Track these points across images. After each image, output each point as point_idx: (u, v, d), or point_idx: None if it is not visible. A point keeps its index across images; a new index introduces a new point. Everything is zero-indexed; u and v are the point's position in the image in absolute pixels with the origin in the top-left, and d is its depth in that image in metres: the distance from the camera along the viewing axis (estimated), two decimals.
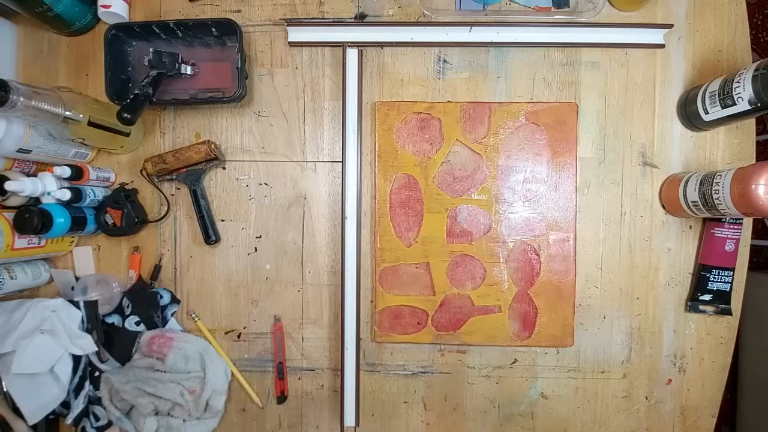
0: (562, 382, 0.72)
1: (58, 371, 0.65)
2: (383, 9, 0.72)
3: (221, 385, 0.69)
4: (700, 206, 0.61)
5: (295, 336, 0.73)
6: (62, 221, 0.64)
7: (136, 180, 0.73)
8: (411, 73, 0.72)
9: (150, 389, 0.65)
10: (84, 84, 0.72)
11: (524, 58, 0.71)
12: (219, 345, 0.72)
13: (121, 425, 0.66)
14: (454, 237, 0.70)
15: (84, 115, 0.60)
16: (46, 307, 0.66)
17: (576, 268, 0.70)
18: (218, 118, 0.73)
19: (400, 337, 0.71)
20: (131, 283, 0.71)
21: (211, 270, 0.73)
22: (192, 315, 0.72)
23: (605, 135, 0.71)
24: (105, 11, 0.68)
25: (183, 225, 0.73)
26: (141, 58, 0.68)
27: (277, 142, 0.72)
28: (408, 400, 0.73)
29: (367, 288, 0.71)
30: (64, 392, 0.66)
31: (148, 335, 0.69)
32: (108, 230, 0.69)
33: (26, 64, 0.73)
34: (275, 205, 0.73)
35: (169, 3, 0.72)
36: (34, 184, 0.63)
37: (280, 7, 0.72)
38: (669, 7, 0.70)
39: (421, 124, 0.70)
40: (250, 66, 0.72)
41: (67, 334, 0.65)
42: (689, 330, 0.71)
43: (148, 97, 0.63)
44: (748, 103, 0.56)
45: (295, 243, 0.72)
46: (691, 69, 0.70)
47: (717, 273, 0.68)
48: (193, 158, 0.69)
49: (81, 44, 0.73)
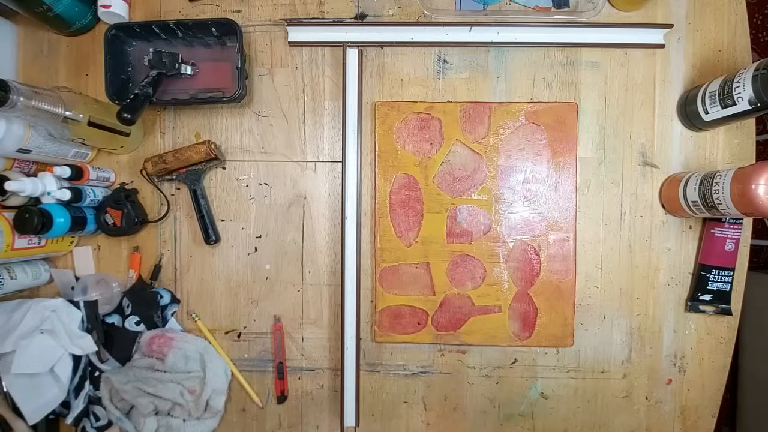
0: (562, 382, 0.72)
1: (58, 371, 0.65)
2: (383, 9, 0.72)
3: (221, 385, 0.69)
4: (700, 206, 0.61)
5: (295, 336, 0.73)
6: (62, 221, 0.64)
7: (136, 180, 0.73)
8: (411, 73, 0.72)
9: (150, 389, 0.65)
10: (84, 84, 0.72)
11: (524, 58, 0.71)
12: (219, 345, 0.72)
13: (121, 425, 0.66)
14: (454, 237, 0.70)
15: (84, 115, 0.60)
16: (46, 307, 0.66)
17: (576, 268, 0.70)
18: (218, 118, 0.73)
19: (400, 337, 0.71)
20: (131, 283, 0.71)
21: (211, 270, 0.73)
22: (192, 315, 0.72)
23: (605, 135, 0.71)
24: (105, 11, 0.68)
25: (183, 225, 0.73)
26: (141, 58, 0.68)
27: (277, 142, 0.72)
28: (408, 400, 0.73)
29: (367, 288, 0.71)
30: (64, 392, 0.66)
31: (148, 335, 0.69)
32: (108, 230, 0.69)
33: (26, 64, 0.73)
34: (275, 205, 0.73)
35: (169, 3, 0.72)
36: (34, 184, 0.63)
37: (280, 7, 0.72)
38: (669, 7, 0.70)
39: (421, 124, 0.70)
40: (250, 66, 0.72)
41: (67, 334, 0.65)
42: (689, 330, 0.71)
43: (148, 97, 0.63)
44: (748, 103, 0.56)
45: (295, 243, 0.72)
46: (691, 69, 0.70)
47: (717, 273, 0.68)
48: (193, 158, 0.69)
49: (81, 44, 0.73)
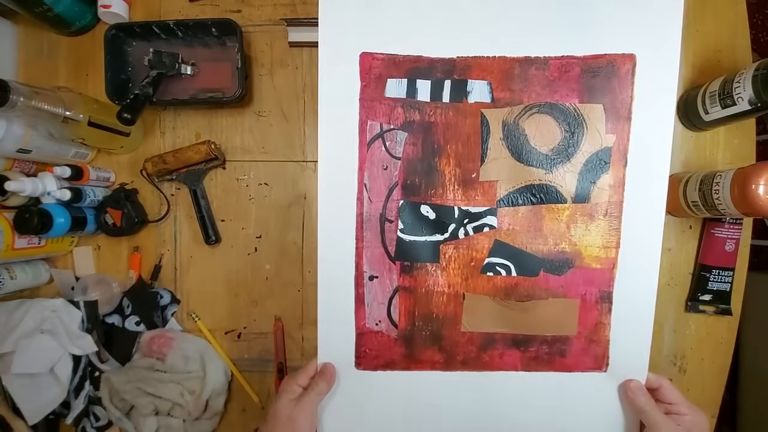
0: None
1: (58, 371, 0.65)
2: None
3: (221, 385, 0.69)
4: (700, 206, 0.61)
5: (295, 336, 0.73)
6: (62, 221, 0.64)
7: (136, 180, 0.73)
8: None
9: (150, 389, 0.65)
10: (84, 84, 0.72)
11: None
12: (219, 345, 0.72)
13: (121, 425, 0.66)
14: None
15: (84, 115, 0.60)
16: (46, 307, 0.66)
17: None
18: (218, 118, 0.73)
19: None
20: (131, 283, 0.71)
21: (211, 270, 0.73)
22: (192, 315, 0.72)
23: None
24: (105, 11, 0.68)
25: (183, 225, 0.73)
26: (141, 58, 0.68)
27: (277, 142, 0.72)
28: None
29: None
30: (64, 392, 0.66)
31: (148, 335, 0.69)
32: (108, 230, 0.69)
33: (26, 64, 0.73)
34: (275, 205, 0.73)
35: (169, 3, 0.72)
36: (34, 184, 0.63)
37: (280, 7, 0.72)
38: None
39: None
40: (250, 66, 0.72)
41: (67, 334, 0.65)
42: (689, 330, 0.71)
43: (148, 97, 0.63)
44: (748, 103, 0.56)
45: (295, 243, 0.72)
46: (691, 69, 0.70)
47: (717, 273, 0.68)
48: (193, 158, 0.69)
49: (81, 44, 0.73)
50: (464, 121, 0.52)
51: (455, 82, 0.52)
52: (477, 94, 0.52)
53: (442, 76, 0.51)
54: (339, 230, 0.53)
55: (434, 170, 0.53)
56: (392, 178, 0.53)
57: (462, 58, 0.51)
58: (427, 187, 0.53)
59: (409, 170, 0.53)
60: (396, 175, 0.53)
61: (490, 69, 0.51)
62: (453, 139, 0.52)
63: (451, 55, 0.51)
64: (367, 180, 0.53)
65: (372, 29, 0.51)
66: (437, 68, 0.52)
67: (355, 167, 0.53)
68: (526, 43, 0.51)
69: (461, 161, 0.52)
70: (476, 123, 0.52)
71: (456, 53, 0.51)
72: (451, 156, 0.52)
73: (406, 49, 0.51)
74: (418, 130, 0.52)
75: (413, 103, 0.52)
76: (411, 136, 0.52)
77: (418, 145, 0.53)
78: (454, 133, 0.52)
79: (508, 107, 0.52)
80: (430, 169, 0.53)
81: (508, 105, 0.52)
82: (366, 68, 0.51)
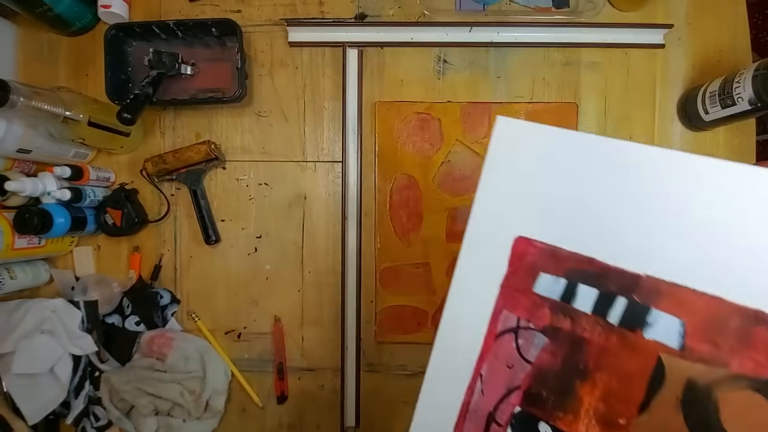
0: None
1: (58, 371, 0.65)
2: (383, 9, 0.72)
3: (221, 385, 0.69)
4: None
5: (295, 336, 0.73)
6: (62, 221, 0.64)
7: (136, 180, 0.73)
8: (411, 73, 0.72)
9: (150, 389, 0.65)
10: (84, 84, 0.72)
11: (524, 58, 0.71)
12: (219, 345, 0.72)
13: (121, 425, 0.66)
14: (454, 237, 0.70)
15: (84, 115, 0.60)
16: (46, 307, 0.66)
17: None
18: (218, 118, 0.73)
19: (401, 337, 0.71)
20: (131, 283, 0.71)
21: (211, 270, 0.73)
22: (192, 315, 0.72)
23: (605, 135, 0.71)
24: (105, 11, 0.68)
25: (183, 225, 0.73)
26: (141, 58, 0.68)
27: (277, 142, 0.72)
28: (408, 400, 0.73)
29: (367, 288, 0.71)
30: (64, 392, 0.66)
31: (148, 335, 0.69)
32: (108, 230, 0.69)
33: (26, 64, 0.73)
34: (275, 205, 0.73)
35: (169, 3, 0.72)
36: (34, 184, 0.62)
37: (280, 7, 0.72)
38: (669, 7, 0.70)
39: (421, 124, 0.70)
40: (250, 66, 0.72)
41: (67, 334, 0.65)
42: None
43: (148, 97, 0.63)
44: (748, 103, 0.56)
45: (295, 243, 0.72)
46: (691, 69, 0.70)
47: None
48: (193, 158, 0.69)
49: (81, 44, 0.73)
50: (630, 357, 0.39)
51: (633, 304, 0.38)
52: (660, 332, 0.37)
53: (617, 291, 0.39)
54: (439, 415, 0.46)
55: (571, 392, 0.41)
56: (515, 381, 0.43)
57: (652, 279, 0.38)
58: (555, 406, 0.41)
59: (538, 379, 0.42)
60: (521, 378, 0.43)
61: (690, 306, 0.36)
62: (608, 369, 0.39)
63: (636, 270, 0.38)
64: (484, 371, 0.44)
65: (535, 212, 0.42)
66: (612, 279, 0.39)
67: (476, 354, 0.44)
68: (761, 292, 0.34)
69: (610, 398, 0.39)
70: (647, 366, 0.38)
71: (645, 270, 0.38)
72: (597, 386, 0.40)
73: (574, 246, 0.40)
74: (563, 341, 0.41)
75: (566, 309, 0.41)
76: (552, 344, 0.42)
77: (558, 357, 0.41)
78: (612, 363, 0.39)
79: (702, 365, 0.36)
80: (565, 390, 0.41)
81: (703, 362, 0.36)
82: (518, 254, 0.43)
